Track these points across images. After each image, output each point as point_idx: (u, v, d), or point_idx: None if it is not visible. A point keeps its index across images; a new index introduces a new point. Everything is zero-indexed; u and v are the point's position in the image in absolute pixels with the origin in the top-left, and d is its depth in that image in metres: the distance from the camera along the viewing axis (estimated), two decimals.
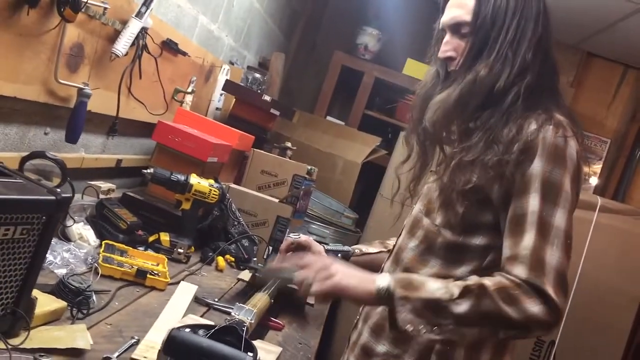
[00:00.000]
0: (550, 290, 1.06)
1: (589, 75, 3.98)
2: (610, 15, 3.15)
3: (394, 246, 1.40)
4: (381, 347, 1.28)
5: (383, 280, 1.13)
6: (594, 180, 3.92)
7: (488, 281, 1.09)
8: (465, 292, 1.07)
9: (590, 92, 3.96)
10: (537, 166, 1.13)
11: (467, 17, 1.24)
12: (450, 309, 1.07)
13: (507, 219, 1.15)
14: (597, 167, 3.95)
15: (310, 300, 1.78)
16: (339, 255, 1.60)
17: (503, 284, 1.08)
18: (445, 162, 1.25)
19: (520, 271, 1.09)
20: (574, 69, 3.92)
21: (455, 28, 1.27)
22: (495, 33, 1.21)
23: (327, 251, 1.60)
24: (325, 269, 1.15)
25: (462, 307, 1.07)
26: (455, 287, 1.09)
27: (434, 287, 1.10)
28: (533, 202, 1.12)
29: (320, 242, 1.65)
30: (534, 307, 1.06)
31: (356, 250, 1.62)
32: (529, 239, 1.11)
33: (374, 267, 1.56)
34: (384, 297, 1.11)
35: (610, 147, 3.98)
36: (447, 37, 1.29)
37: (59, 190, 1.00)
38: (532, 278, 1.08)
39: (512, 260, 1.12)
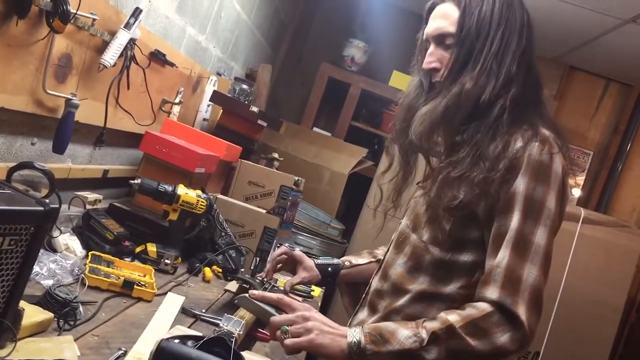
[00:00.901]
0: (521, 311, 1.06)
1: (571, 88, 4.03)
2: (592, 30, 3.21)
3: (382, 260, 1.40)
4: None
5: (354, 335, 1.11)
6: (577, 192, 3.97)
7: (456, 317, 1.09)
8: (433, 338, 1.06)
9: (573, 104, 4.01)
10: (520, 184, 1.13)
11: (452, 28, 1.25)
12: (422, 357, 1.07)
13: (491, 236, 1.15)
14: (580, 179, 4.00)
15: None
16: (330, 269, 1.61)
17: (471, 317, 1.08)
18: (432, 177, 1.25)
19: (491, 292, 1.09)
20: (557, 82, 3.98)
21: (440, 39, 1.28)
22: (480, 45, 1.22)
23: (317, 265, 1.61)
24: (304, 320, 1.12)
25: (432, 354, 1.06)
26: (424, 333, 1.07)
27: (404, 335, 1.08)
28: (514, 220, 1.12)
29: (309, 255, 1.66)
30: (501, 337, 1.06)
31: (346, 263, 1.62)
32: (502, 257, 1.11)
33: (365, 277, 1.57)
34: (356, 353, 1.09)
35: (593, 159, 4.04)
36: (432, 48, 1.30)
37: (47, 201, 1.00)
38: (502, 298, 1.07)
39: (485, 280, 1.12)
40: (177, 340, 0.93)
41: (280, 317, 1.13)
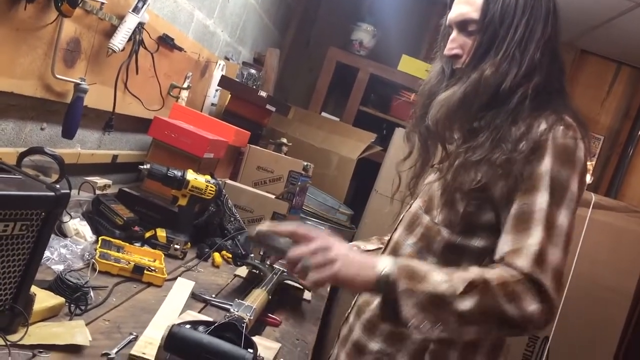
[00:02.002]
0: (549, 287, 1.05)
1: (582, 72, 3.99)
2: (605, 13, 3.16)
3: (389, 241, 1.39)
4: (374, 345, 1.26)
5: (384, 265, 1.06)
6: (587, 178, 3.94)
7: (491, 274, 1.05)
8: (469, 288, 1.02)
9: (584, 89, 3.97)
10: (546, 165, 1.11)
11: (475, 14, 1.22)
12: (454, 305, 1.02)
13: (511, 215, 1.13)
14: (590, 164, 3.97)
15: (307, 296, 1.78)
16: None
17: (504, 279, 1.04)
18: (449, 161, 1.23)
19: (523, 263, 1.06)
20: (568, 66, 3.93)
21: (462, 25, 1.26)
22: (504, 32, 1.19)
23: None
24: (325, 251, 1.06)
25: (466, 304, 1.02)
26: (459, 282, 1.03)
27: (437, 279, 1.04)
28: (541, 200, 1.10)
29: None
30: (531, 305, 1.03)
31: (354, 247, 1.61)
32: (536, 236, 1.08)
33: None
34: (384, 286, 1.04)
35: (604, 144, 4.00)
36: (454, 34, 1.28)
37: (57, 186, 1.00)
38: (535, 272, 1.05)
39: (516, 252, 1.08)
40: (188, 326, 0.93)
41: (299, 249, 1.05)
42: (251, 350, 0.91)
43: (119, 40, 1.65)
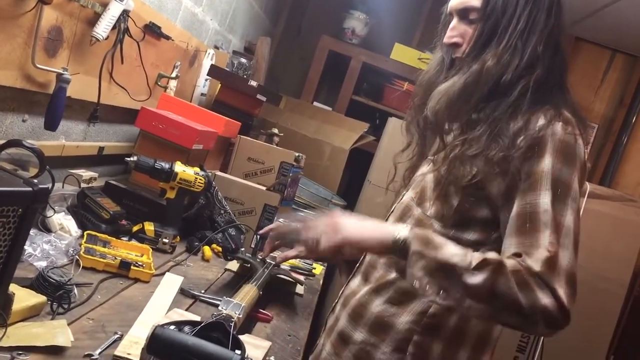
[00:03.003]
0: (561, 291, 1.00)
1: (577, 60, 3.95)
2: (599, 0, 3.12)
3: None
4: (358, 335, 1.24)
5: (401, 231, 1.08)
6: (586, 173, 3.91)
7: (506, 261, 1.03)
8: (483, 265, 1.01)
9: (579, 76, 3.94)
10: (547, 163, 1.08)
11: (477, 2, 1.19)
12: (464, 277, 1.01)
13: (513, 215, 1.09)
14: (585, 152, 3.94)
15: (300, 290, 1.75)
16: None
17: (518, 268, 1.01)
18: (445, 153, 1.20)
19: (534, 264, 1.02)
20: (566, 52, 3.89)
21: (463, 13, 1.23)
22: (506, 21, 1.16)
23: None
24: (333, 223, 1.12)
25: (476, 278, 1.00)
26: (474, 258, 1.02)
27: (452, 251, 1.04)
28: (544, 200, 1.06)
29: None
30: (545, 298, 0.99)
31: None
32: (545, 240, 1.04)
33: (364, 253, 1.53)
34: (399, 249, 1.07)
35: (598, 132, 3.97)
36: (454, 22, 1.24)
37: (35, 181, 0.95)
38: (545, 274, 1.01)
39: (528, 252, 1.04)
40: (172, 327, 0.89)
41: (310, 229, 1.15)
42: (239, 352, 0.87)
43: (103, 28, 1.60)
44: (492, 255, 1.05)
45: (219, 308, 1.08)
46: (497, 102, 1.15)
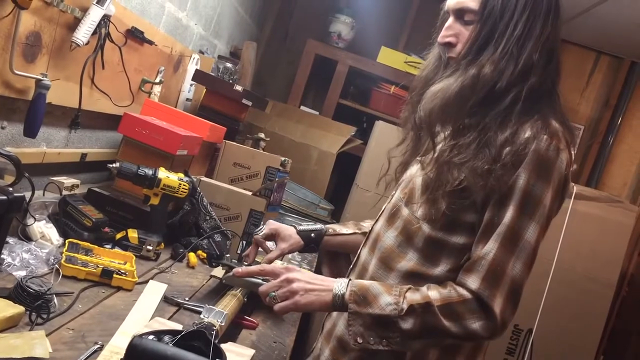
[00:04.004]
0: (497, 303, 1.07)
1: (562, 62, 3.97)
2: (584, 1, 3.13)
3: (371, 231, 1.36)
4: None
5: (339, 289, 1.16)
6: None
7: (436, 294, 1.11)
8: (410, 310, 1.09)
9: (564, 78, 3.86)
10: (521, 178, 1.10)
11: (474, 4, 1.19)
12: (398, 324, 1.10)
13: (482, 224, 1.13)
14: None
15: None
16: (312, 234, 1.57)
17: (449, 300, 1.10)
18: (434, 156, 1.20)
19: (472, 281, 1.10)
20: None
21: (460, 13, 1.22)
22: (503, 27, 1.16)
23: (299, 232, 1.57)
24: (287, 284, 1.18)
25: (408, 323, 1.09)
26: (405, 303, 1.10)
27: (385, 301, 1.12)
28: (508, 214, 1.10)
29: (293, 225, 1.61)
30: (474, 323, 1.08)
31: (329, 230, 1.58)
32: (490, 249, 1.10)
33: (347, 248, 1.53)
34: (339, 306, 1.15)
35: (584, 134, 3.99)
36: (450, 21, 1.24)
37: (10, 189, 0.94)
38: (481, 290, 1.08)
39: (469, 267, 1.12)
40: (151, 337, 0.87)
41: (267, 285, 1.20)
42: None
43: (83, 33, 1.57)
44: (421, 294, 1.12)
45: (201, 316, 1.06)
46: (489, 108, 1.15)
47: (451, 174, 1.14)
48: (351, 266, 1.40)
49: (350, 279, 1.19)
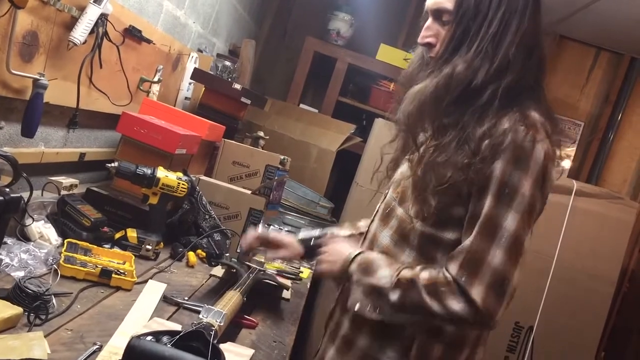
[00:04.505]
0: (475, 291, 1.08)
1: (561, 58, 3.96)
2: None
3: (367, 232, 1.37)
4: (362, 340, 1.26)
5: (350, 257, 1.26)
6: (567, 164, 3.90)
7: (425, 274, 1.14)
8: (398, 284, 1.15)
9: (564, 75, 3.94)
10: (497, 167, 1.11)
11: (449, 4, 1.19)
12: (387, 296, 1.16)
13: (466, 218, 1.15)
14: (571, 150, 3.95)
15: (286, 295, 1.72)
16: (312, 243, 1.56)
17: (435, 279, 1.13)
18: (418, 157, 1.22)
19: (451, 268, 1.12)
20: (547, 52, 3.89)
21: (437, 14, 1.23)
22: (477, 26, 1.16)
23: (299, 240, 1.56)
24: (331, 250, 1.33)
25: (394, 295, 1.15)
26: (395, 277, 1.16)
27: (383, 274, 1.19)
28: (486, 203, 1.11)
29: (292, 232, 1.61)
30: (455, 305, 1.09)
31: (328, 234, 1.58)
32: (470, 238, 1.12)
33: None
34: (346, 273, 1.25)
35: (584, 130, 3.98)
36: (429, 21, 1.25)
37: (7, 189, 0.93)
38: (458, 277, 1.10)
39: (451, 255, 1.14)
40: (149, 337, 0.87)
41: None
42: None
43: (80, 33, 1.57)
44: (411, 272, 1.16)
45: (200, 316, 1.06)
46: (466, 106, 1.16)
47: (435, 173, 1.16)
48: None
49: (361, 253, 1.27)
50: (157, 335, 0.89)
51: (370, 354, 1.25)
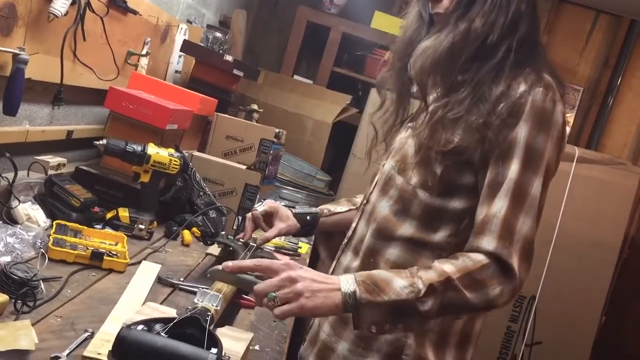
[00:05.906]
0: (515, 262, 1.03)
1: (560, 21, 3.87)
2: None
3: (366, 203, 1.31)
4: (342, 347, 1.21)
5: (347, 286, 1.01)
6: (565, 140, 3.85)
7: (452, 267, 1.03)
8: (430, 290, 1.00)
9: (562, 38, 3.86)
10: (522, 131, 1.07)
11: None
12: (416, 308, 1.01)
13: (486, 183, 1.09)
14: (570, 116, 3.89)
15: None
16: (308, 217, 1.52)
17: (467, 269, 1.03)
18: (427, 116, 1.15)
19: (487, 242, 1.04)
20: (545, 16, 3.80)
21: None
22: None
23: (295, 214, 1.52)
24: (290, 284, 0.99)
25: (426, 305, 1.01)
26: (420, 283, 1.01)
27: (400, 285, 1.01)
28: (513, 169, 1.06)
29: (289, 207, 1.56)
30: (495, 289, 1.03)
31: (324, 211, 1.55)
32: (500, 207, 1.06)
33: (344, 226, 1.48)
34: (352, 305, 1.00)
35: (584, 95, 3.91)
36: None
37: None
38: (499, 250, 1.03)
39: (481, 229, 1.06)
40: (140, 327, 0.81)
41: (264, 284, 0.99)
42: (214, 351, 0.80)
43: (61, 4, 1.48)
44: (437, 271, 1.03)
45: (195, 300, 1.00)
46: (481, 63, 1.12)
47: (445, 132, 1.11)
48: (346, 240, 1.35)
49: (354, 275, 1.04)
50: (150, 323, 0.84)
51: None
